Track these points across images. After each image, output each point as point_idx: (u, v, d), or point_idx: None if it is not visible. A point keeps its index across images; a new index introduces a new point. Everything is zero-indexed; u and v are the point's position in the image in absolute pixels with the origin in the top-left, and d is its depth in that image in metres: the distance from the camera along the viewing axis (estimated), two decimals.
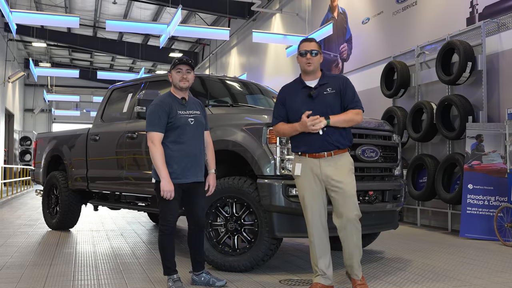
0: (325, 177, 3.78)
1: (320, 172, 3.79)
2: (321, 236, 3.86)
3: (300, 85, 3.93)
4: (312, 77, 3.91)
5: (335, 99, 3.83)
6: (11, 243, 6.47)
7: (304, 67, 3.87)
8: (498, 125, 7.07)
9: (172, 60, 4.15)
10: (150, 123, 3.96)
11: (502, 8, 7.37)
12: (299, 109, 3.83)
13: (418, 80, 8.76)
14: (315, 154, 3.80)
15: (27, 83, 31.13)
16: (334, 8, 12.34)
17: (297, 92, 3.92)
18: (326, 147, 3.78)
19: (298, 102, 3.87)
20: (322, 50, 4.05)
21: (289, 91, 3.98)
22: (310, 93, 3.85)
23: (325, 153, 3.79)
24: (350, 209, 3.76)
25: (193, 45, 25.35)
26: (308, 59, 3.84)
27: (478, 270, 4.86)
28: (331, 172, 3.78)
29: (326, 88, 3.85)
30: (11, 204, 13.11)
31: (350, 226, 3.77)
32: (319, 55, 3.87)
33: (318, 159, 3.80)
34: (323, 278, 3.88)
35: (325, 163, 3.79)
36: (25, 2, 18.94)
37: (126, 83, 6.96)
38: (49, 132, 9.04)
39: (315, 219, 3.84)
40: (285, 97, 3.96)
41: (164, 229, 3.97)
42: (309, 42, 3.90)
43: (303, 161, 3.85)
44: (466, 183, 7.12)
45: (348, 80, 3.96)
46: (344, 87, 3.86)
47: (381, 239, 6.60)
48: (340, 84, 3.87)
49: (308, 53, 3.84)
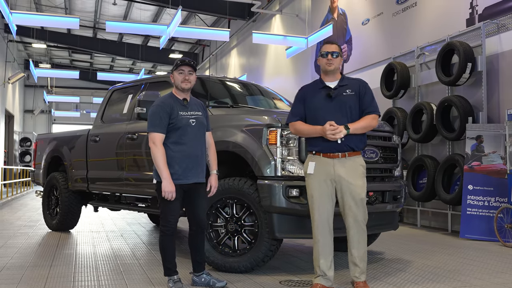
0: (338, 178, 3.84)
1: (333, 172, 3.85)
2: (326, 237, 3.90)
3: (320, 85, 4.01)
4: (332, 78, 3.99)
5: (354, 101, 3.91)
6: (11, 244, 6.47)
7: (325, 67, 3.95)
8: (498, 126, 7.07)
9: (174, 61, 4.15)
10: (151, 124, 3.97)
11: (502, 9, 7.38)
12: (317, 108, 3.92)
13: (418, 81, 8.77)
14: (329, 154, 3.87)
15: (27, 84, 31.13)
16: (334, 9, 12.35)
17: (316, 92, 4.00)
18: (341, 148, 3.85)
19: (317, 101, 3.95)
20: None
21: (309, 90, 4.07)
22: (329, 93, 3.92)
23: (340, 153, 3.85)
24: (359, 211, 3.85)
25: (193, 46, 25.36)
26: (329, 59, 3.92)
27: (478, 271, 4.86)
28: (344, 173, 3.84)
29: (345, 89, 3.93)
30: (11, 205, 13.10)
31: (357, 227, 3.85)
32: (339, 57, 3.96)
33: (333, 159, 3.86)
34: (323, 279, 3.89)
35: (339, 163, 3.85)
36: (25, 3, 18.95)
37: (126, 84, 6.97)
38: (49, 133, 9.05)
39: (322, 219, 3.88)
40: (305, 96, 4.04)
41: (165, 230, 3.97)
42: (330, 44, 3.99)
43: (317, 160, 3.91)
44: (466, 184, 7.12)
45: (367, 84, 4.05)
46: (364, 90, 3.95)
47: (381, 240, 6.60)
48: (359, 87, 3.96)
49: (329, 54, 3.93)
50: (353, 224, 3.86)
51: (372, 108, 3.94)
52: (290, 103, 6.57)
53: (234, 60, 20.49)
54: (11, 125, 26.59)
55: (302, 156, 4.39)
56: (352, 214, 3.85)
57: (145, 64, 28.23)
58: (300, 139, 4.41)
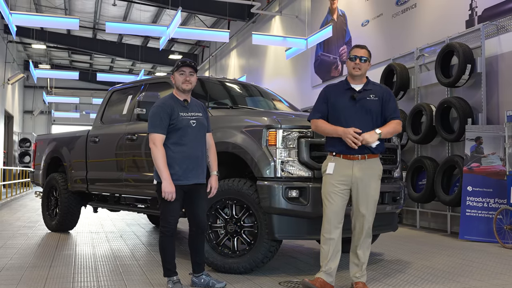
0: (355, 179, 3.89)
1: (351, 174, 3.89)
2: (336, 236, 3.94)
3: (345, 86, 4.05)
4: (358, 82, 4.02)
5: (376, 106, 3.96)
6: (10, 245, 6.47)
7: (352, 71, 3.99)
8: (497, 127, 7.08)
9: (176, 62, 4.15)
10: (152, 125, 3.97)
11: (501, 11, 7.39)
12: (341, 108, 3.96)
13: (418, 83, 8.78)
14: (349, 156, 3.91)
15: (26, 85, 31.13)
16: (334, 10, 12.36)
17: (341, 92, 4.03)
18: (362, 150, 3.89)
19: (340, 102, 3.98)
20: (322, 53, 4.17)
21: (334, 90, 4.11)
22: (353, 95, 3.96)
23: (359, 155, 3.90)
24: (370, 213, 3.93)
25: (192, 47, 25.37)
26: (356, 64, 3.96)
27: (477, 272, 4.87)
28: (361, 174, 3.89)
29: (369, 94, 3.98)
30: (10, 206, 13.10)
31: (366, 229, 3.94)
32: (367, 62, 3.99)
33: (352, 161, 3.90)
34: (325, 274, 3.93)
35: (358, 165, 3.90)
36: (25, 4, 18.96)
37: (125, 85, 6.97)
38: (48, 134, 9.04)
39: (335, 218, 3.92)
40: (329, 95, 4.07)
41: (165, 231, 3.97)
42: (360, 49, 4.02)
43: (337, 162, 3.95)
44: (465, 185, 7.13)
45: (391, 92, 4.12)
46: (388, 97, 4.00)
47: (381, 241, 6.60)
48: (383, 93, 4.01)
49: (357, 59, 3.96)
50: (362, 226, 3.93)
51: (396, 114, 4.00)
52: (289, 104, 6.57)
53: (234, 61, 20.50)
54: (11, 125, 26.58)
55: (302, 157, 4.40)
56: (363, 216, 3.92)
57: (145, 65, 28.23)
58: (299, 140, 4.42)
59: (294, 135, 4.43)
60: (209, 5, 16.85)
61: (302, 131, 4.45)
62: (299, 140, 4.42)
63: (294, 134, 4.43)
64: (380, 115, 3.98)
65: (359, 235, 3.96)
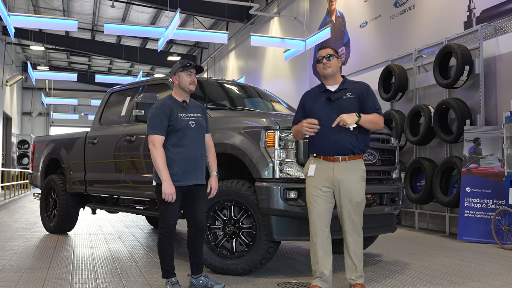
0: (337, 181, 3.84)
1: (332, 176, 3.84)
2: (323, 238, 3.89)
3: (321, 89, 4.02)
4: (333, 82, 3.98)
5: (353, 104, 3.89)
6: (8, 246, 6.46)
7: (322, 71, 3.96)
8: (496, 128, 7.09)
9: (179, 62, 4.10)
10: (151, 126, 3.96)
11: (499, 12, 7.40)
12: (317, 111, 3.92)
13: (416, 84, 8.79)
14: (330, 157, 3.87)
15: (25, 87, 31.10)
16: (332, 11, 12.37)
17: (316, 96, 4.01)
18: (341, 151, 3.85)
19: (317, 105, 3.95)
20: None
21: (310, 95, 4.10)
22: (329, 96, 3.92)
23: (340, 157, 3.85)
24: (356, 215, 3.85)
25: (191, 48, 25.37)
26: (324, 63, 3.92)
27: (476, 273, 4.87)
28: (343, 176, 3.83)
29: (345, 93, 3.93)
30: (9, 208, 13.08)
31: (354, 231, 3.86)
32: (335, 58, 3.95)
33: (333, 162, 3.86)
34: (321, 281, 3.88)
35: (339, 167, 3.85)
36: (23, 6, 18.95)
37: (124, 86, 6.97)
38: (47, 136, 9.04)
39: (320, 221, 3.87)
40: (305, 101, 4.06)
41: (164, 232, 3.96)
42: (324, 49, 4.00)
43: (318, 163, 3.91)
44: (464, 186, 7.13)
45: (370, 87, 4.03)
46: (365, 94, 3.94)
47: (379, 242, 6.60)
48: (361, 90, 3.95)
49: (324, 59, 3.93)
50: (349, 228, 3.86)
51: (377, 111, 3.93)
52: (288, 106, 6.57)
53: (232, 62, 20.50)
54: (9, 127, 26.55)
55: (300, 158, 4.40)
56: (349, 218, 3.85)
57: (143, 67, 28.21)
58: (298, 141, 4.42)
59: (292, 136, 4.43)
60: (207, 7, 16.86)
61: None
62: (297, 141, 4.42)
63: (292, 136, 4.43)
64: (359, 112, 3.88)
65: (347, 238, 3.88)
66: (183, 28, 14.60)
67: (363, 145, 3.94)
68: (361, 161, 3.96)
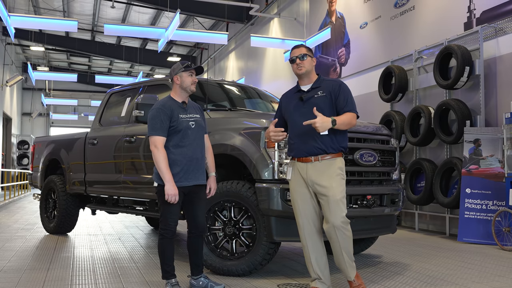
0: (311, 182, 3.78)
1: (306, 177, 3.80)
2: (313, 240, 3.86)
3: (295, 90, 3.99)
4: (307, 82, 3.93)
5: (324, 102, 3.81)
6: (8, 247, 6.46)
7: (296, 71, 3.92)
8: (496, 129, 7.09)
9: (180, 62, 4.09)
10: (152, 128, 3.95)
11: (500, 13, 7.40)
12: (291, 113, 3.90)
13: (416, 85, 8.79)
14: (302, 159, 3.82)
15: (25, 87, 31.12)
16: (332, 12, 12.37)
17: (291, 97, 3.98)
18: (313, 152, 3.78)
19: (291, 106, 3.92)
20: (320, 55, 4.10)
21: (286, 96, 4.07)
22: (301, 96, 3.88)
23: (312, 157, 3.79)
24: (335, 215, 3.69)
25: (191, 49, 25.37)
26: (298, 64, 3.87)
27: (476, 274, 4.86)
28: (316, 177, 3.76)
29: (317, 91, 3.86)
30: (8, 208, 13.07)
31: (336, 232, 3.70)
32: (309, 58, 3.88)
33: (305, 163, 3.81)
34: (319, 283, 3.87)
35: (312, 167, 3.79)
36: (23, 6, 18.96)
37: (124, 87, 6.96)
38: (47, 136, 9.03)
39: (306, 223, 3.84)
40: (282, 103, 4.04)
41: (165, 233, 3.95)
42: (297, 48, 3.94)
43: (293, 166, 3.89)
44: (464, 187, 7.13)
45: (343, 84, 3.92)
46: (337, 91, 3.82)
47: (379, 243, 6.60)
48: (332, 87, 3.84)
49: (297, 59, 3.88)
50: (330, 228, 3.71)
51: (348, 107, 3.79)
52: None
53: (232, 63, 20.51)
54: (9, 128, 26.55)
55: None
56: (329, 217, 3.72)
57: (143, 67, 28.23)
58: None
59: None
60: (207, 7, 16.88)
61: None
62: None
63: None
64: (330, 110, 3.78)
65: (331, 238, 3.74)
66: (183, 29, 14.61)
67: (338, 143, 3.82)
68: (338, 160, 3.81)
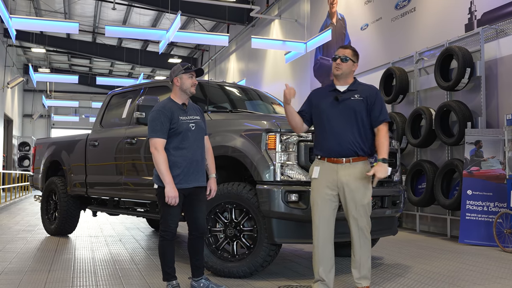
0: (340, 184, 3.82)
1: (336, 178, 3.83)
2: (325, 242, 3.88)
3: (330, 88, 4.02)
4: (343, 83, 3.97)
5: (360, 106, 3.88)
6: (9, 249, 6.46)
7: (333, 71, 3.97)
8: (497, 131, 7.08)
9: (180, 64, 4.09)
10: (152, 129, 3.94)
11: (501, 15, 7.40)
12: (323, 110, 3.92)
13: (417, 86, 8.78)
14: (334, 159, 3.85)
15: (26, 89, 31.15)
16: (333, 14, 12.37)
17: (325, 94, 4.00)
18: (345, 153, 3.83)
19: (323, 104, 3.94)
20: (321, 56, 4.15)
21: (318, 92, 4.11)
22: (336, 96, 3.91)
23: (344, 159, 3.83)
24: (361, 217, 3.82)
25: (192, 50, 25.39)
26: (337, 64, 3.92)
27: (477, 276, 4.85)
28: (346, 179, 3.81)
29: (354, 94, 3.91)
30: (9, 210, 13.08)
31: (360, 233, 3.83)
32: (350, 61, 3.93)
33: (336, 164, 3.84)
34: (322, 285, 3.87)
35: (343, 169, 3.83)
36: (24, 8, 18.99)
37: (125, 88, 6.97)
38: (48, 138, 9.04)
39: (323, 224, 3.86)
40: (313, 98, 4.06)
41: (165, 235, 3.95)
42: (344, 49, 3.98)
43: (322, 165, 3.90)
44: (465, 189, 7.12)
45: (379, 92, 4.02)
46: (373, 98, 3.92)
47: (380, 245, 6.60)
48: (369, 93, 3.93)
49: (338, 59, 3.92)
50: (355, 230, 3.84)
51: (383, 117, 3.92)
52: None
53: (233, 65, 20.52)
54: (10, 129, 26.57)
55: (301, 161, 4.40)
56: (354, 221, 3.83)
57: (144, 69, 28.25)
58: (299, 144, 4.41)
59: (293, 139, 4.43)
60: (208, 9, 16.89)
61: (301, 135, 4.44)
62: (298, 144, 4.42)
63: (293, 138, 4.43)
64: (365, 115, 3.88)
65: (353, 240, 3.87)
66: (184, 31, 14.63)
67: (368, 148, 3.91)
68: (366, 163, 3.92)
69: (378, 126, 3.91)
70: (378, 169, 3.73)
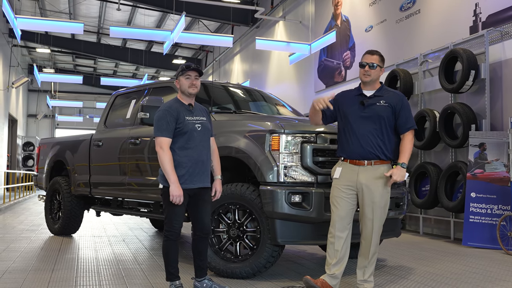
0: (360, 185, 3.88)
1: (356, 179, 3.88)
2: (340, 240, 3.92)
3: (357, 92, 4.07)
4: (370, 88, 4.04)
5: (386, 112, 3.93)
6: (13, 248, 6.48)
7: (361, 77, 4.02)
8: (501, 133, 7.07)
9: (180, 66, 4.12)
10: (158, 129, 3.96)
11: (506, 17, 7.39)
12: (349, 113, 3.97)
13: (421, 88, 8.77)
14: (355, 161, 3.91)
15: (30, 89, 31.26)
16: (338, 16, 12.38)
17: (351, 98, 4.06)
18: (367, 156, 3.89)
19: (349, 107, 4.00)
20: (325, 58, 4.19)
21: (345, 95, 4.17)
22: (362, 100, 3.97)
23: (365, 161, 3.89)
24: (377, 219, 3.89)
25: (196, 51, 25.43)
26: (366, 71, 3.97)
27: (480, 278, 4.84)
28: (366, 181, 3.87)
29: (380, 100, 3.97)
30: (13, 209, 13.12)
31: (371, 235, 3.91)
32: (378, 68, 3.98)
33: (358, 166, 3.90)
34: (329, 277, 3.92)
35: (363, 171, 3.89)
36: (29, 8, 19.07)
37: (129, 89, 6.98)
38: (52, 138, 9.07)
39: (340, 222, 3.91)
40: (338, 101, 4.12)
41: (169, 235, 3.96)
42: (371, 55, 4.02)
43: (344, 166, 3.96)
44: (469, 191, 7.10)
45: (405, 99, 4.07)
46: (399, 105, 3.96)
47: (384, 247, 6.59)
48: (396, 100, 3.98)
49: (367, 65, 3.97)
50: (367, 232, 3.91)
51: (410, 124, 3.97)
52: (293, 109, 6.57)
53: (237, 66, 20.54)
54: (14, 129, 26.66)
55: (305, 162, 4.40)
56: (369, 222, 3.89)
57: (149, 70, 28.32)
58: (303, 145, 4.42)
59: (297, 140, 4.43)
60: (213, 10, 16.92)
61: (305, 136, 4.45)
62: (302, 145, 4.42)
63: (297, 139, 4.44)
64: (391, 121, 3.94)
65: (365, 241, 3.94)
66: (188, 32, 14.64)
67: (389, 152, 3.96)
68: (387, 167, 3.96)
69: (404, 133, 3.97)
70: (396, 172, 3.81)
